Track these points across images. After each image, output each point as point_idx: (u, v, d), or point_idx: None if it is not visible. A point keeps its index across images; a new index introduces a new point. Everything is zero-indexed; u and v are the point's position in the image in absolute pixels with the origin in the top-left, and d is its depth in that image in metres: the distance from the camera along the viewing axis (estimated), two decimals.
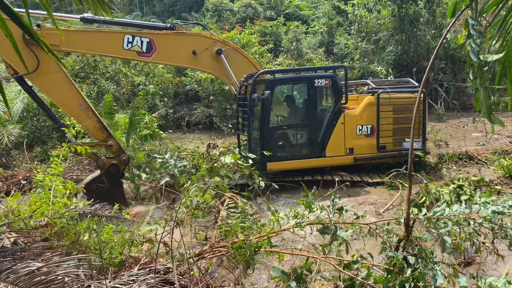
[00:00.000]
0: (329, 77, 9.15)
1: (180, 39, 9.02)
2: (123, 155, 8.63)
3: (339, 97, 9.08)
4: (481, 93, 3.22)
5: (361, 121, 9.25)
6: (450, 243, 3.70)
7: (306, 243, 4.66)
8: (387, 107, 9.25)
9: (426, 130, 9.66)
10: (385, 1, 19.65)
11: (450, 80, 18.94)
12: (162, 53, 8.76)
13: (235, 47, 9.50)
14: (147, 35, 8.71)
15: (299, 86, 9.81)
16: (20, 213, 5.28)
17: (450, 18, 3.47)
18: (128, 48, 8.61)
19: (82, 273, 3.33)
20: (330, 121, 9.15)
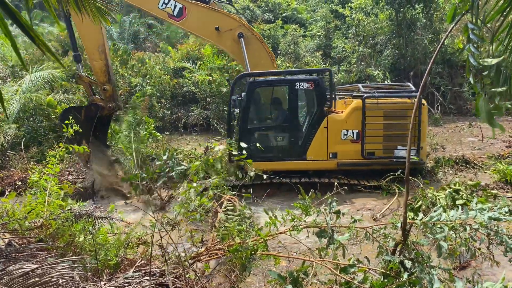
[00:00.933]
0: (311, 80, 9.09)
1: (210, 14, 9.41)
2: (112, 103, 9.52)
3: (322, 100, 9.07)
4: (481, 98, 3.23)
5: (346, 126, 9.01)
6: (446, 248, 3.71)
7: (303, 247, 4.65)
8: (376, 112, 8.90)
9: (421, 138, 9.04)
10: (383, 5, 19.71)
11: (447, 85, 19.00)
12: (190, 21, 9.38)
13: (258, 37, 9.61)
14: (182, 2, 9.29)
15: (282, 88, 9.68)
16: (14, 214, 5.25)
17: (449, 23, 3.47)
18: (162, 8, 9.34)
19: (77, 275, 3.30)
20: (312, 124, 9.13)
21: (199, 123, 18.35)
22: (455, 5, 3.43)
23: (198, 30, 9.71)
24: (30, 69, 15.93)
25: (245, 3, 27.00)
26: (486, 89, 3.15)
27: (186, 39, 26.98)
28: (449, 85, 19.04)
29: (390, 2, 18.90)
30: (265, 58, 9.62)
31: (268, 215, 4.61)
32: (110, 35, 26.27)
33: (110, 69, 9.84)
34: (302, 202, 4.63)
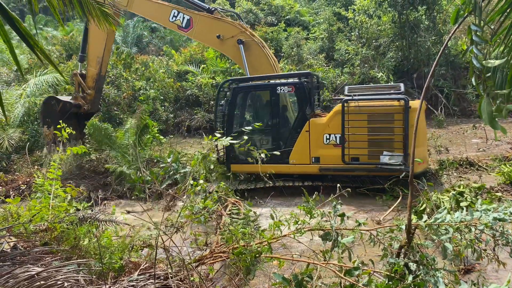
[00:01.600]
0: (292, 84, 9.06)
1: (214, 23, 9.90)
2: (89, 106, 11.35)
3: (304, 104, 9.00)
4: (483, 100, 3.22)
5: (329, 130, 8.74)
6: (451, 249, 3.69)
7: (307, 249, 4.65)
8: (359, 115, 8.44)
9: (410, 144, 7.86)
10: (386, 7, 19.72)
11: (451, 86, 18.97)
12: (197, 31, 9.99)
13: (258, 42, 9.74)
14: (189, 14, 10.04)
15: (266, 93, 9.59)
16: (20, 217, 5.27)
17: (453, 25, 3.47)
18: (172, 21, 10.12)
19: (82, 278, 3.31)
20: (294, 128, 9.07)
21: (203, 126, 18.39)
22: (458, 7, 3.43)
23: (204, 39, 10.31)
24: (35, 72, 16.04)
25: (248, 6, 27.07)
26: (488, 90, 3.15)
27: (189, 43, 27.08)
28: (452, 87, 19.01)
29: (393, 4, 18.90)
30: (265, 63, 9.75)
31: (273, 218, 4.61)
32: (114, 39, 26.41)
33: (101, 79, 11.40)
34: (306, 204, 4.63)
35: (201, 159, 4.72)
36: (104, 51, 10.89)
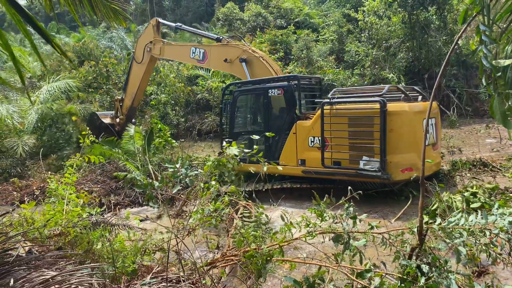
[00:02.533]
0: (281, 87, 9.25)
1: (222, 49, 10.84)
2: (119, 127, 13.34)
3: (292, 107, 9.11)
4: (495, 99, 3.19)
5: (313, 133, 8.64)
6: (465, 253, 3.65)
7: (318, 252, 4.64)
8: (340, 119, 8.20)
9: (386, 149, 7.79)
10: (396, 7, 19.63)
11: (463, 86, 18.79)
12: (211, 60, 11.05)
13: (258, 56, 10.27)
14: (203, 47, 11.35)
15: (259, 96, 9.88)
16: (34, 222, 5.36)
17: (461, 25, 3.45)
18: (192, 57, 11.34)
19: (96, 282, 3.35)
20: (283, 130, 9.18)
21: (213, 130, 18.47)
22: (467, 6, 3.41)
23: (217, 66, 11.43)
24: (47, 79, 16.28)
25: (257, 10, 27.15)
26: (500, 90, 3.12)
27: None
28: (464, 86, 18.83)
29: (403, 5, 18.80)
30: (268, 74, 10.10)
31: (283, 220, 4.61)
32: (124, 45, 26.69)
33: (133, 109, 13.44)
34: (317, 207, 4.62)
35: (214, 165, 4.74)
36: (137, 89, 12.83)
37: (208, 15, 38.22)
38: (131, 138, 11.22)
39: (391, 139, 7.72)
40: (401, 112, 7.83)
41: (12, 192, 10.51)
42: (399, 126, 7.77)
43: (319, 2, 34.47)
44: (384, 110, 7.61)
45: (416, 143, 7.87)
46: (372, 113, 7.81)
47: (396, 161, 7.82)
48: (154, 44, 12.12)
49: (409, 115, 7.87)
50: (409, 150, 7.90)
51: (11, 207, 9.68)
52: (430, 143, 8.39)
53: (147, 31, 12.66)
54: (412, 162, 7.89)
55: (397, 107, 7.89)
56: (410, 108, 7.97)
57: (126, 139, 11.45)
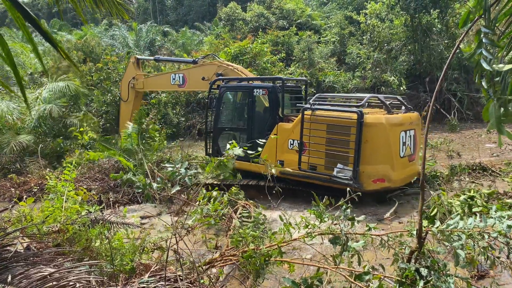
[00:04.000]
0: (266, 88, 9.38)
1: (199, 70, 11.26)
2: None
3: (275, 108, 9.23)
4: (491, 103, 3.19)
5: (293, 136, 8.75)
6: (463, 257, 3.65)
7: (316, 253, 4.63)
8: (319, 125, 8.30)
9: (359, 159, 7.87)
10: (398, 10, 19.65)
11: (464, 91, 18.80)
12: (190, 83, 11.52)
13: (233, 68, 10.77)
14: (181, 72, 11.81)
15: (245, 93, 10.01)
16: (33, 218, 5.35)
17: (460, 28, 3.45)
18: (173, 83, 11.78)
19: (94, 279, 3.34)
20: (265, 130, 9.34)
21: None
22: (469, 9, 3.40)
23: (196, 86, 11.70)
24: (49, 77, 16.27)
25: (260, 10, 27.17)
26: (497, 95, 3.11)
27: (201, 46, 27.25)
28: (466, 91, 18.83)
29: (405, 8, 18.81)
30: None
31: (282, 220, 4.60)
32: (126, 43, 26.70)
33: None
34: (316, 208, 4.62)
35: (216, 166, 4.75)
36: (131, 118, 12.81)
37: (210, 15, 38.26)
38: (129, 137, 11.18)
39: (365, 150, 7.85)
40: (377, 124, 7.94)
41: (10, 189, 10.48)
42: (374, 138, 7.90)
43: (322, 4, 34.51)
44: (361, 121, 7.73)
45: (390, 155, 8.04)
46: (349, 123, 7.93)
47: (369, 171, 7.97)
48: (137, 79, 12.68)
49: (385, 128, 7.97)
50: (382, 162, 8.05)
51: (9, 203, 9.67)
52: (406, 155, 8.48)
53: (128, 69, 13.11)
54: (384, 173, 8.06)
55: (374, 119, 7.99)
56: (387, 121, 8.06)
57: (124, 137, 11.42)
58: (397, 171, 8.17)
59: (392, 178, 8.07)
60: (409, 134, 8.50)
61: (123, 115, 13.25)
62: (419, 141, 9.13)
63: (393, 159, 8.06)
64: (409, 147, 8.56)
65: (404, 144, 8.26)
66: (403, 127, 8.31)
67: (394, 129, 8.07)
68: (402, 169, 8.31)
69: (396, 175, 8.13)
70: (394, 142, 8.06)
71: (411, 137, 8.64)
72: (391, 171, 8.04)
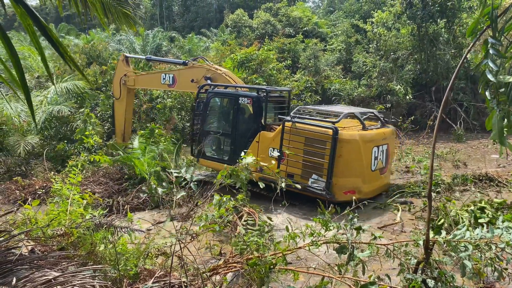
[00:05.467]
0: (250, 97, 9.78)
1: (188, 72, 11.52)
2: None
3: (258, 116, 9.64)
4: (494, 114, 3.16)
5: (273, 144, 9.14)
6: (470, 267, 3.61)
7: (322, 262, 4.60)
8: (297, 137, 8.72)
9: (332, 172, 8.28)
10: (404, 20, 19.65)
11: (470, 101, 18.71)
12: (180, 84, 11.82)
13: (221, 72, 11.07)
14: (172, 72, 12.01)
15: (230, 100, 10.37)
16: (37, 221, 5.35)
17: (468, 37, 3.44)
18: (163, 83, 12.02)
19: (98, 284, 3.33)
20: (248, 137, 9.75)
21: None
22: (477, 19, 3.39)
23: (186, 87, 12.00)
24: (54, 80, 16.37)
25: (266, 18, 27.28)
26: (501, 106, 3.09)
27: (207, 52, 27.36)
28: (472, 101, 18.75)
29: (412, 17, 18.81)
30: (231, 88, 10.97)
31: (288, 230, 4.58)
32: (133, 48, 26.86)
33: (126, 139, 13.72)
34: (322, 217, 4.59)
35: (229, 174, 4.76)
36: (125, 123, 13.28)
37: (217, 21, 38.46)
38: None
39: (339, 164, 8.30)
40: (351, 141, 8.39)
41: (15, 191, 10.51)
42: (347, 153, 8.36)
43: (328, 12, 34.63)
44: (335, 137, 8.20)
45: (362, 169, 8.50)
46: (325, 138, 8.36)
47: (341, 183, 8.43)
48: (128, 76, 12.91)
49: (358, 144, 8.40)
50: (354, 175, 8.50)
51: (13, 205, 9.68)
52: (377, 168, 8.89)
53: (118, 67, 13.31)
54: (355, 186, 8.49)
55: (348, 135, 8.41)
56: (361, 137, 8.48)
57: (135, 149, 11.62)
58: (368, 184, 8.66)
59: (362, 190, 8.53)
60: (381, 149, 8.99)
61: (117, 113, 13.52)
62: (392, 154, 9.71)
63: (364, 173, 8.52)
64: (380, 161, 9.03)
65: (376, 158, 8.77)
66: (376, 143, 8.79)
67: (367, 145, 8.52)
68: (372, 182, 8.81)
69: (366, 187, 8.61)
70: (366, 157, 8.52)
71: (383, 152, 9.11)
72: (362, 183, 8.52)
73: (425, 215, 7.78)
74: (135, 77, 12.92)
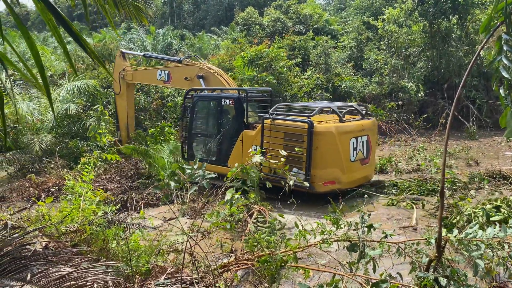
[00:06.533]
0: (232, 98, 10.20)
1: (183, 69, 11.95)
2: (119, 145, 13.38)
3: (240, 116, 10.01)
4: (509, 111, 3.13)
5: (255, 142, 9.42)
6: (482, 266, 3.58)
7: (332, 260, 4.59)
8: (277, 133, 9.00)
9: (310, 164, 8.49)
10: (416, 16, 19.46)
11: (483, 98, 18.47)
12: (174, 80, 12.26)
13: (214, 71, 11.44)
14: (167, 69, 12.43)
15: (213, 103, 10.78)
16: (51, 218, 5.43)
17: (481, 33, 3.40)
18: (159, 79, 12.51)
19: (110, 280, 3.37)
20: (232, 137, 10.08)
21: None
22: (490, 15, 3.35)
23: (180, 84, 12.36)
24: (67, 79, 16.56)
25: (276, 15, 27.21)
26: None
27: (218, 51, 27.40)
28: (485, 98, 18.51)
29: (423, 14, 18.62)
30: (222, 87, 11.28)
31: (297, 227, 4.58)
32: (144, 46, 27.01)
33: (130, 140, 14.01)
34: (333, 214, 4.59)
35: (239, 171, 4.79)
36: (127, 118, 13.82)
37: (227, 19, 38.48)
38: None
39: (316, 156, 8.55)
40: (326, 133, 8.65)
41: (28, 188, 10.67)
42: (324, 145, 8.59)
43: (339, 9, 34.43)
44: (311, 130, 8.48)
45: (340, 160, 8.74)
46: (302, 131, 8.64)
47: (320, 175, 8.62)
48: (126, 71, 13.33)
49: (333, 136, 8.66)
50: (332, 166, 8.74)
51: (27, 202, 9.83)
52: (358, 159, 9.12)
53: (116, 63, 13.71)
54: (334, 176, 8.74)
55: (324, 128, 8.67)
56: (337, 129, 8.74)
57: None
58: (348, 174, 8.87)
59: (342, 181, 8.79)
60: (361, 140, 9.21)
61: (119, 109, 13.99)
62: (374, 146, 9.96)
63: (343, 164, 8.73)
64: (361, 152, 9.24)
65: (355, 149, 8.98)
66: (354, 134, 9.01)
67: (343, 136, 8.77)
68: (353, 172, 9.03)
69: (346, 177, 8.82)
70: (343, 148, 8.74)
71: (364, 143, 9.33)
72: (341, 174, 8.75)
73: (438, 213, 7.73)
74: (133, 72, 13.35)
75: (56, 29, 2.42)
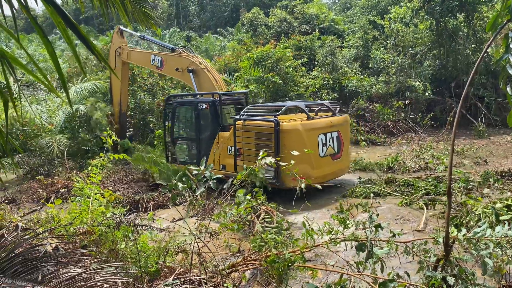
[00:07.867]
0: (207, 102, 10.64)
1: (175, 59, 12.25)
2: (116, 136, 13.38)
3: (216, 119, 10.47)
4: None
5: (230, 143, 9.80)
6: (491, 265, 3.56)
7: (340, 259, 4.60)
8: (248, 133, 9.39)
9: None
10: (423, 15, 19.36)
11: (491, 96, 18.31)
12: (166, 68, 12.59)
13: (203, 67, 11.65)
14: (161, 56, 12.73)
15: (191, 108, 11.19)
16: (60, 220, 5.49)
17: (488, 31, 3.39)
18: (152, 63, 12.85)
19: (120, 280, 3.41)
20: (209, 139, 10.55)
21: None
22: (497, 13, 3.34)
23: (171, 73, 12.72)
24: (74, 81, 16.71)
25: (282, 15, 27.21)
26: None
27: (224, 52, 27.45)
28: (493, 96, 18.35)
29: (430, 12, 18.52)
30: (209, 84, 11.52)
31: (305, 226, 4.59)
32: (151, 48, 27.15)
33: (123, 115, 14.59)
34: (339, 214, 4.59)
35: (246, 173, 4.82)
36: (120, 94, 14.20)
37: (233, 20, 38.52)
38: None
39: (284, 153, 8.60)
40: (292, 130, 9.01)
41: (38, 190, 10.78)
42: (290, 142, 8.84)
43: (345, 9, 34.34)
44: (277, 128, 8.86)
45: (308, 156, 8.72)
46: (269, 130, 9.03)
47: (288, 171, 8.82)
48: (122, 49, 13.70)
49: (299, 133, 9.00)
50: (300, 162, 8.70)
51: (37, 204, 9.92)
52: (328, 154, 9.51)
53: (114, 39, 14.09)
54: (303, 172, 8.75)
55: (290, 125, 9.06)
56: (303, 126, 9.10)
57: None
58: (318, 169, 9.18)
59: (312, 175, 8.86)
60: (330, 136, 9.58)
61: (114, 85, 14.46)
62: (347, 141, 10.32)
63: (311, 159, 8.96)
64: (331, 147, 9.60)
65: (324, 145, 9.36)
66: (322, 130, 9.39)
67: (310, 133, 9.12)
68: (323, 167, 9.38)
69: (316, 172, 9.06)
70: (311, 144, 9.00)
71: (334, 138, 9.69)
72: (310, 169, 8.99)
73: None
74: (128, 51, 13.73)
75: (65, 31, 2.53)
